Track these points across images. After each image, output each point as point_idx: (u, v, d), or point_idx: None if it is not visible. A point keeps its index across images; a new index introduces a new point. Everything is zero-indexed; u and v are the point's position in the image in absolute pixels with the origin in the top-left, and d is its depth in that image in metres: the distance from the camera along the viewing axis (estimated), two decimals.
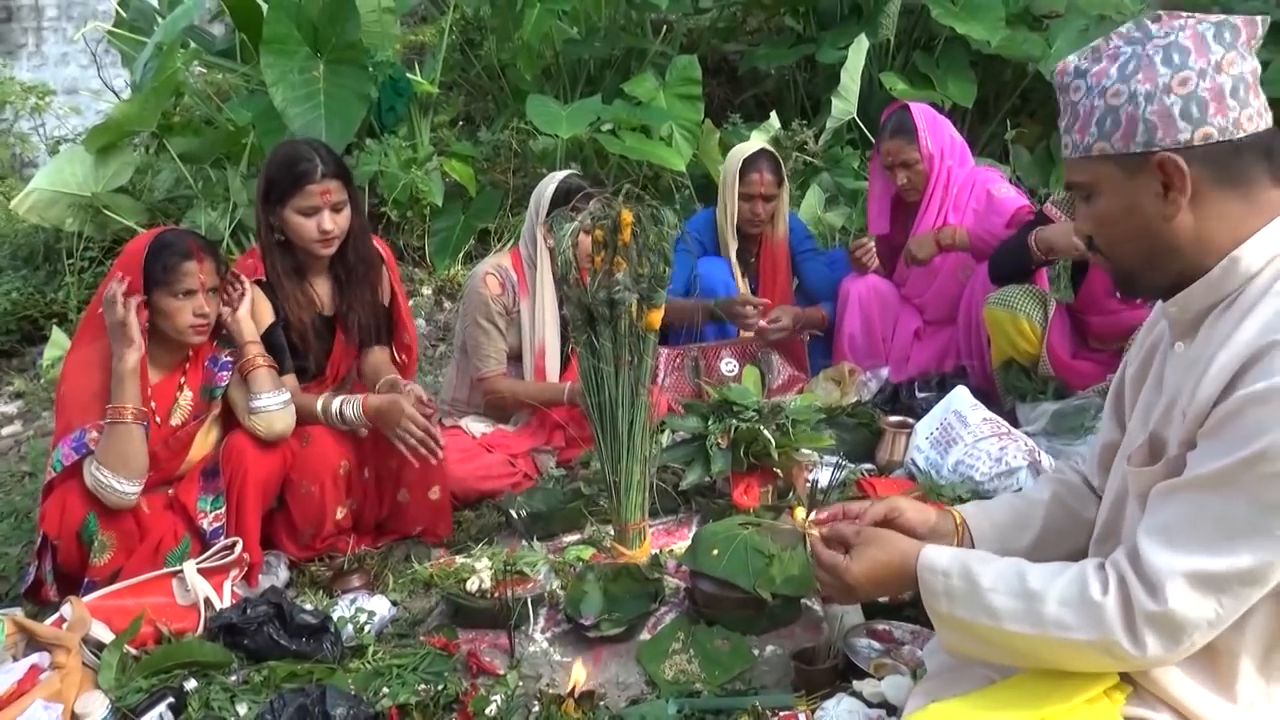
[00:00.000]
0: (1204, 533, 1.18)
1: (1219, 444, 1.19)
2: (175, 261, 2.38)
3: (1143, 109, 1.23)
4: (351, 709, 1.87)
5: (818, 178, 5.15)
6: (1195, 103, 1.22)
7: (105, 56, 6.55)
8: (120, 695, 2.03)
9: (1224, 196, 1.25)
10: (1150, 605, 1.19)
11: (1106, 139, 1.26)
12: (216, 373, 2.55)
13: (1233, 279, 1.25)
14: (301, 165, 2.57)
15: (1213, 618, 1.19)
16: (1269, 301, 1.21)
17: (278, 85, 4.48)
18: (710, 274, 3.55)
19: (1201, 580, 1.18)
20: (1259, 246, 1.24)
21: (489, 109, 5.94)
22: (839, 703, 1.84)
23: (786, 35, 6.09)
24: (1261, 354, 1.17)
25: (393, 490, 2.66)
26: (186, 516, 2.48)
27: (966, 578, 1.33)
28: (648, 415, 2.42)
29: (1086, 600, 1.23)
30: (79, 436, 2.33)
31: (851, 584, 1.47)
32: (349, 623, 2.24)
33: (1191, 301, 1.29)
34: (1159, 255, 1.29)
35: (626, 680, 2.08)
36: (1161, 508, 1.24)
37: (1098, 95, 1.26)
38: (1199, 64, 1.22)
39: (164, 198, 4.98)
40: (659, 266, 2.33)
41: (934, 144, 3.33)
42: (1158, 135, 1.23)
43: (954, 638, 1.37)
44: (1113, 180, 1.28)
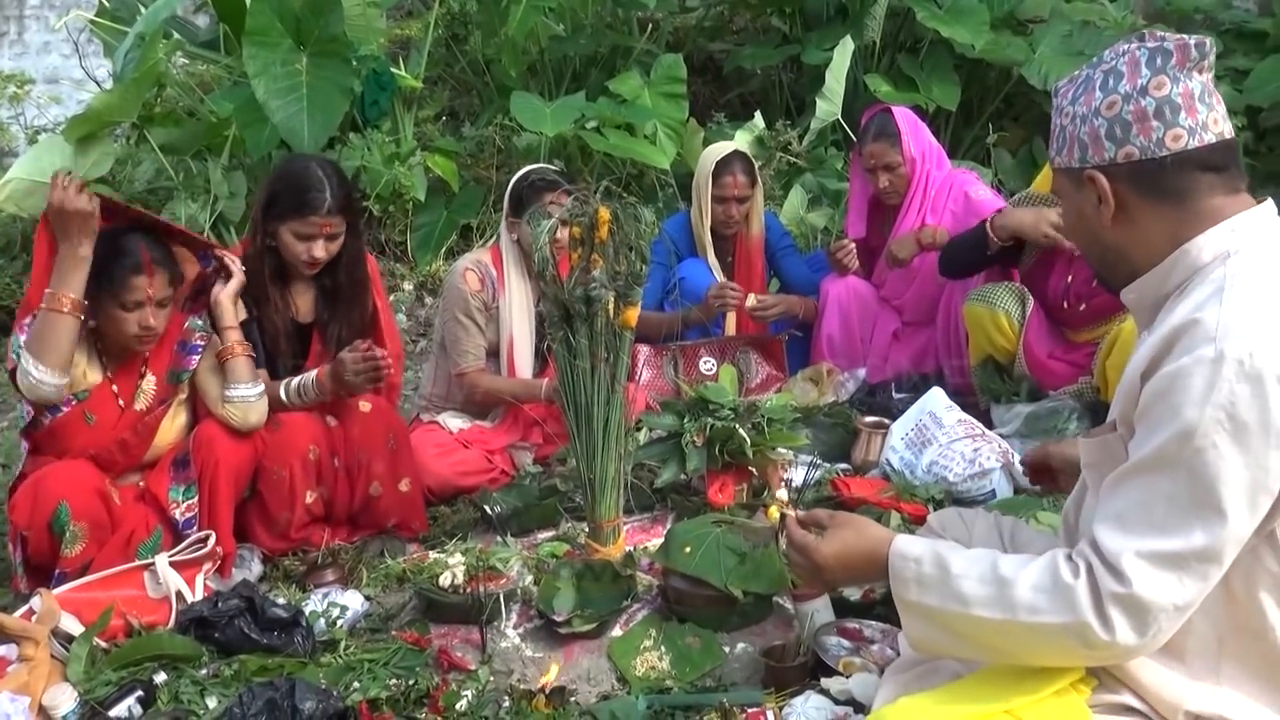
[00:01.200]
0: (1156, 514, 1.22)
1: (1152, 425, 1.24)
2: (124, 274, 2.32)
3: (1079, 129, 1.36)
4: (321, 703, 1.87)
5: (801, 178, 5.16)
6: (1119, 125, 1.32)
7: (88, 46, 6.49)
8: (89, 688, 2.02)
9: (1154, 207, 1.33)
10: (1115, 587, 1.21)
11: (1059, 154, 1.41)
12: (185, 356, 2.52)
13: (1182, 269, 1.32)
14: (310, 194, 2.56)
15: (1178, 599, 1.21)
16: (1204, 287, 1.28)
17: (260, 78, 4.46)
18: (693, 276, 3.55)
19: (1160, 560, 1.21)
20: (1209, 242, 1.31)
21: (473, 104, 5.92)
22: (807, 700, 1.86)
23: (772, 35, 6.10)
24: (1185, 329, 1.23)
25: (365, 482, 2.65)
26: (158, 507, 2.46)
27: (938, 564, 1.35)
28: (624, 413, 2.43)
29: (1059, 584, 1.25)
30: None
31: (820, 563, 1.48)
32: (321, 617, 2.23)
33: (1145, 290, 1.37)
34: (1107, 256, 1.41)
35: (597, 676, 2.09)
36: (1113, 496, 1.28)
37: (1058, 114, 1.41)
38: (1125, 88, 1.32)
39: (144, 189, 4.94)
40: (636, 264, 2.33)
41: (916, 148, 3.35)
42: (1088, 153, 1.35)
43: (920, 628, 1.38)
44: (1067, 191, 1.42)
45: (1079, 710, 1.31)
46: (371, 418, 2.65)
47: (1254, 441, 1.17)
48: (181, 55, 5.62)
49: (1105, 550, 1.23)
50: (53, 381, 2.29)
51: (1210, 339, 1.20)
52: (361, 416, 2.64)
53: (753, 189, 3.55)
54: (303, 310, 2.75)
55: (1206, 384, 1.18)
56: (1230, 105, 5.10)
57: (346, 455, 2.64)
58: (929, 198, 3.38)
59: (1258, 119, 5.34)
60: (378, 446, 2.66)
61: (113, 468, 2.47)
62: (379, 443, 2.66)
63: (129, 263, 2.33)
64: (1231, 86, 5.34)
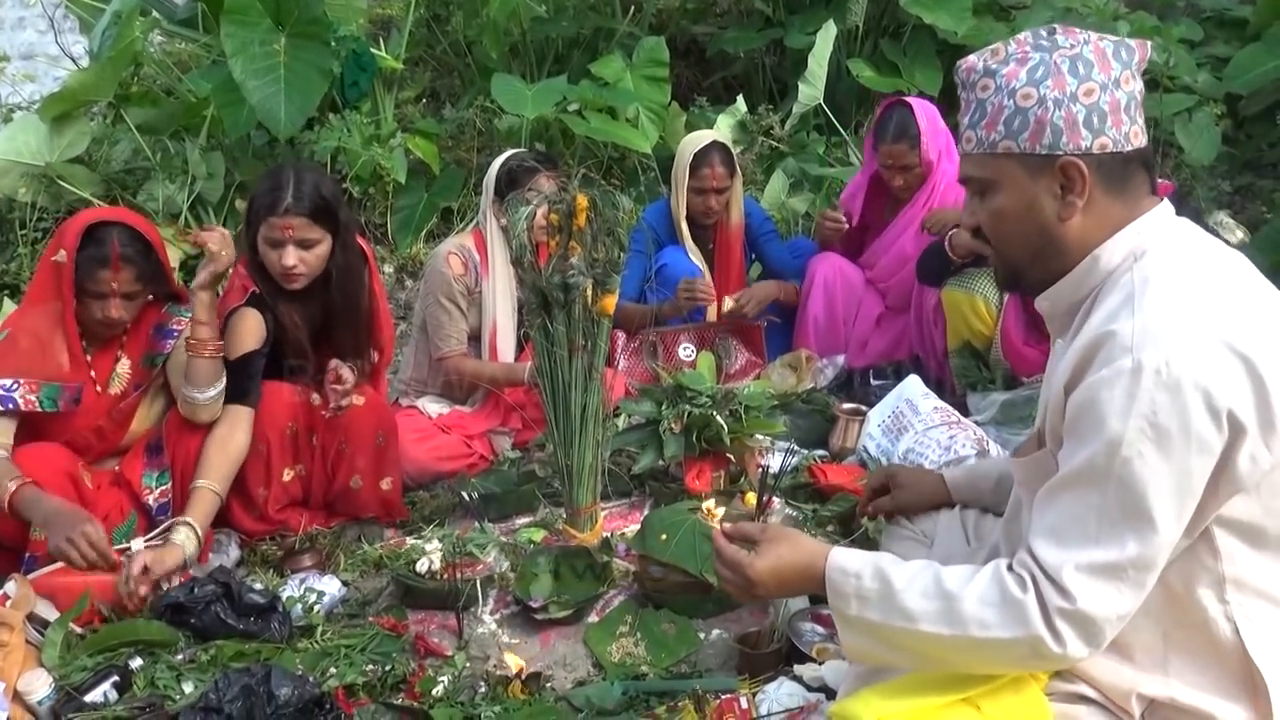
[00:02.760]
0: (1089, 527, 1.23)
1: (1078, 437, 1.25)
2: (91, 266, 2.31)
3: (1052, 113, 1.29)
4: (297, 689, 1.87)
5: (783, 163, 5.15)
6: (1096, 113, 1.29)
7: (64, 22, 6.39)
8: (64, 673, 2.03)
9: (1109, 202, 1.33)
10: (1061, 602, 1.23)
11: (1014, 138, 1.32)
12: (161, 340, 2.51)
13: (1094, 275, 1.33)
14: (274, 193, 2.43)
15: (1120, 609, 1.23)
16: (1115, 294, 1.29)
17: (237, 57, 4.40)
18: (674, 264, 3.55)
19: (1098, 571, 1.22)
20: (1117, 245, 1.32)
21: (454, 86, 5.88)
22: (780, 686, 1.88)
23: (755, 19, 6.07)
24: (1101, 341, 1.24)
25: (346, 474, 2.64)
26: (132, 492, 2.45)
27: (879, 579, 1.33)
28: (602, 400, 2.43)
29: (1009, 598, 1.26)
30: (10, 387, 2.28)
31: (753, 579, 1.44)
32: (298, 602, 2.24)
33: (1060, 297, 1.38)
34: (1046, 252, 1.36)
35: (574, 662, 2.10)
36: (1046, 509, 1.29)
37: (1007, 95, 1.32)
38: (1102, 77, 1.29)
39: (121, 169, 4.88)
40: (614, 251, 2.33)
41: (934, 149, 3.29)
42: (1063, 139, 1.30)
43: (859, 641, 1.37)
44: (1015, 178, 1.34)
45: (1035, 698, 1.34)
46: (363, 412, 2.60)
47: (1177, 448, 1.19)
48: (159, 33, 5.55)
49: (1045, 564, 1.25)
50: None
51: (1127, 349, 1.21)
52: (354, 409, 2.59)
53: (731, 179, 3.53)
54: (304, 324, 2.64)
55: (1127, 395, 1.20)
56: (1210, 92, 5.21)
57: (326, 437, 2.61)
58: (939, 192, 3.36)
59: (1237, 106, 5.36)
60: (364, 441, 2.62)
61: (89, 452, 2.46)
62: (367, 438, 2.63)
63: (97, 254, 2.31)
64: (1212, 74, 5.37)
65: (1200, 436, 1.19)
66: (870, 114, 5.52)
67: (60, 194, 4.63)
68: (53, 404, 2.34)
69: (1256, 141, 5.33)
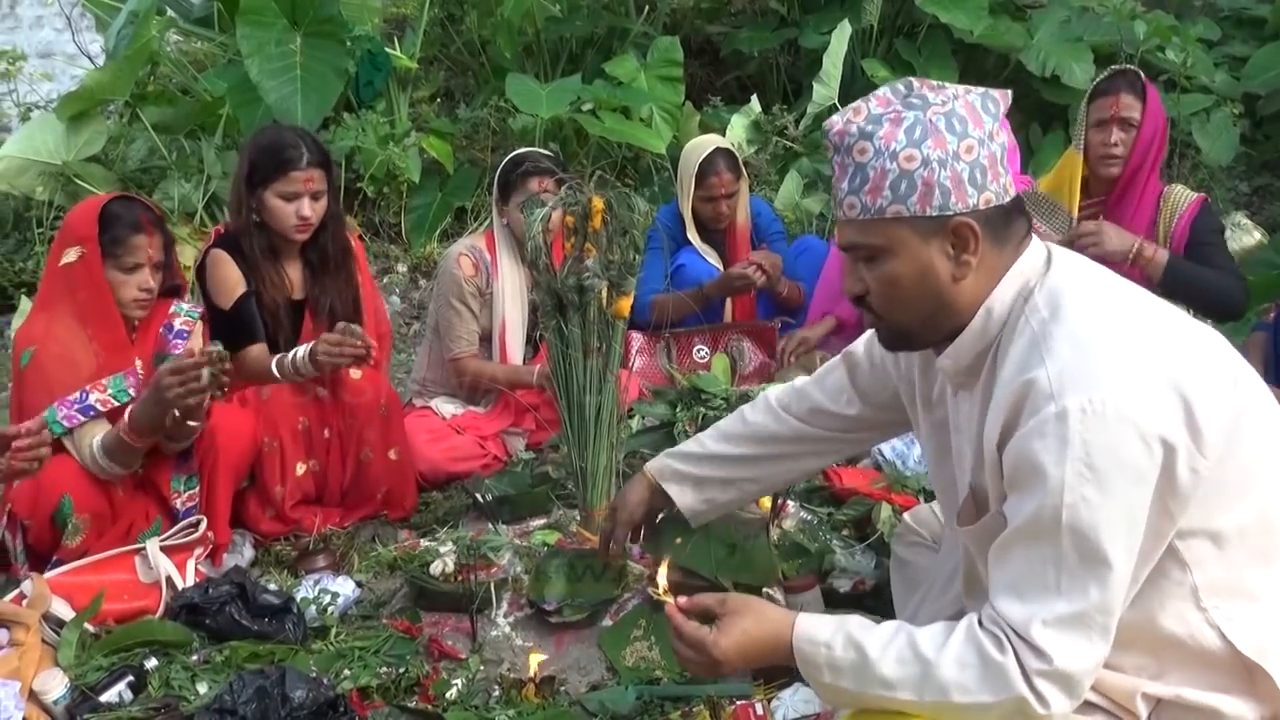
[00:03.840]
0: (1049, 579, 1.23)
1: (1021, 491, 1.25)
2: (124, 234, 2.33)
3: (938, 174, 1.27)
4: (311, 691, 1.87)
5: (797, 163, 5.14)
6: (978, 169, 1.28)
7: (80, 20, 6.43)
8: (80, 673, 2.03)
9: (995, 255, 1.32)
10: (1038, 664, 1.22)
11: (902, 202, 1.29)
12: (171, 340, 2.51)
13: (991, 326, 1.33)
14: (288, 152, 2.58)
15: (1095, 657, 1.24)
16: (1017, 342, 1.29)
17: (254, 57, 4.43)
18: (692, 265, 3.54)
19: (1065, 624, 1.22)
20: (1004, 291, 1.33)
21: (469, 85, 5.89)
22: (795, 692, 1.87)
23: (770, 18, 6.06)
24: (1024, 392, 1.24)
25: (356, 449, 2.68)
26: (159, 497, 2.46)
27: (852, 647, 1.31)
28: (616, 402, 2.43)
29: (988, 661, 1.25)
30: (81, 398, 2.28)
31: (719, 659, 1.38)
32: (312, 604, 2.24)
33: (961, 355, 1.37)
34: (938, 315, 1.35)
35: (587, 665, 2.09)
36: (1002, 567, 1.28)
37: (889, 158, 1.28)
38: (978, 132, 1.28)
39: (137, 168, 4.91)
40: (629, 253, 2.33)
41: None
42: (951, 200, 1.28)
43: (839, 699, 1.38)
44: (907, 243, 1.31)
45: None
46: (362, 384, 2.66)
47: (1117, 484, 1.19)
48: (175, 32, 5.57)
49: (1012, 623, 1.24)
50: (122, 474, 2.34)
51: (1049, 396, 1.21)
52: (352, 383, 2.65)
53: (738, 182, 3.52)
54: (295, 287, 2.76)
55: (1059, 440, 1.19)
56: (1228, 92, 5.17)
57: (338, 422, 2.66)
58: None
59: (1255, 106, 5.33)
60: (369, 413, 2.68)
61: None
62: (371, 409, 2.69)
63: (128, 222, 2.34)
64: (1229, 74, 5.33)
65: (1136, 467, 1.20)
66: None
67: (77, 192, 4.65)
68: (125, 394, 2.34)
69: (1275, 142, 5.30)
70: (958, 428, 1.45)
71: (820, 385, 1.78)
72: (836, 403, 1.74)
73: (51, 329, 2.34)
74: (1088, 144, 3.01)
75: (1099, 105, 2.98)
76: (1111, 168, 2.98)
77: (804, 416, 1.78)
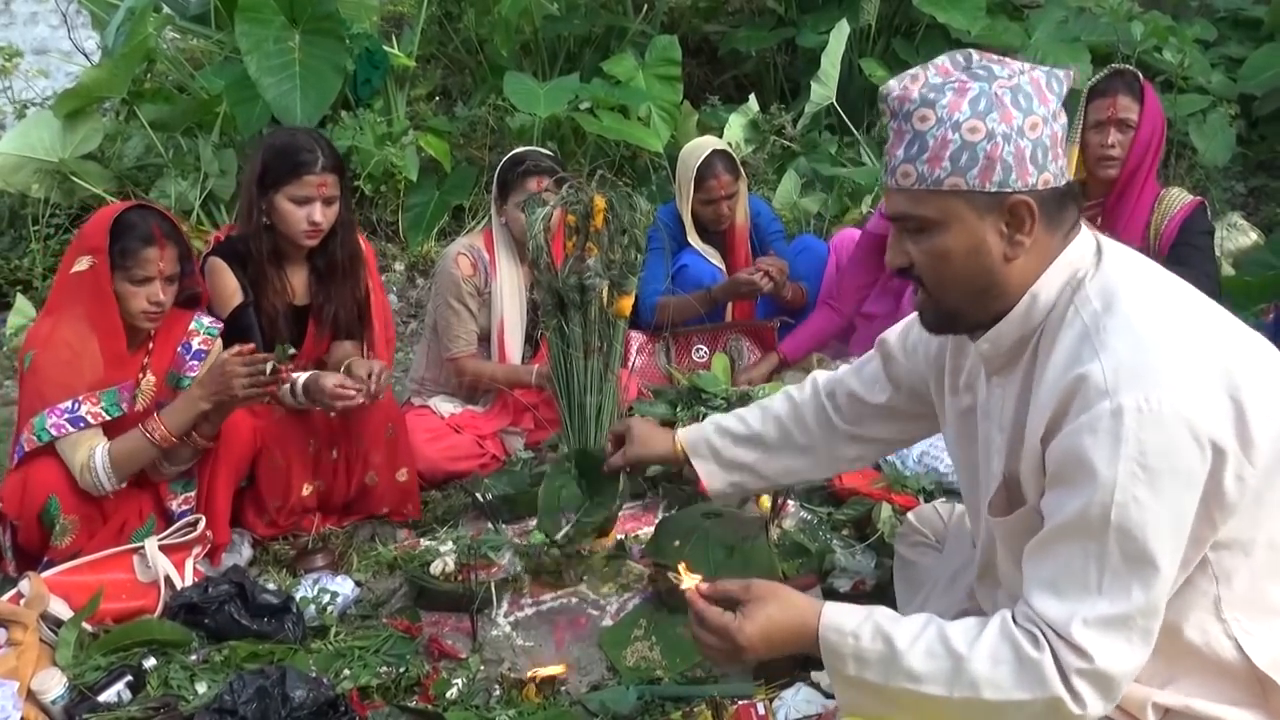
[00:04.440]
0: (1090, 578, 1.20)
1: (1066, 487, 1.22)
2: (136, 247, 2.29)
3: (1002, 149, 1.24)
4: (311, 691, 1.86)
5: (794, 163, 5.14)
6: (1041, 148, 1.25)
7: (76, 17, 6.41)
8: (78, 673, 2.02)
9: (1047, 239, 1.30)
10: (1078, 663, 1.20)
11: (962, 174, 1.25)
12: (187, 360, 2.48)
13: (1035, 313, 1.31)
14: (302, 155, 2.54)
15: (1136, 660, 1.22)
16: (1065, 333, 1.26)
17: (252, 54, 4.42)
18: (695, 265, 3.53)
19: (1108, 625, 1.19)
20: (1052, 279, 1.30)
21: (466, 83, 5.88)
22: (797, 692, 1.86)
23: (768, 17, 6.06)
24: (1075, 388, 1.21)
25: (361, 471, 2.64)
26: (155, 497, 2.45)
27: (880, 639, 1.29)
28: (616, 402, 2.42)
29: (1024, 658, 1.22)
30: (72, 408, 2.26)
31: (744, 645, 1.35)
32: (312, 603, 2.23)
33: (1001, 339, 1.34)
34: (987, 295, 1.32)
35: (588, 665, 2.09)
36: (1040, 564, 1.25)
37: (951, 128, 1.25)
38: (1043, 110, 1.25)
39: (133, 165, 4.89)
40: (630, 252, 2.32)
41: None
42: (1012, 176, 1.25)
43: (857, 700, 1.33)
44: (961, 217, 1.28)
45: None
46: (370, 407, 2.59)
47: (1168, 486, 1.17)
48: (172, 29, 5.55)
49: (1050, 621, 1.21)
50: (112, 490, 2.32)
51: (1104, 393, 1.18)
52: (360, 406, 2.58)
53: (737, 183, 3.52)
54: (298, 293, 2.71)
55: (1112, 438, 1.17)
56: (1224, 93, 5.18)
57: (346, 445, 2.62)
58: None
59: (1251, 107, 5.34)
60: (376, 436, 2.63)
61: None
62: (378, 432, 2.64)
63: (141, 234, 2.30)
64: (1226, 75, 5.34)
65: (1189, 470, 1.18)
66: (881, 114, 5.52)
67: (73, 190, 4.64)
68: (117, 409, 2.32)
69: (1271, 143, 5.31)
70: (987, 414, 1.42)
71: (858, 373, 1.78)
72: (870, 391, 1.74)
73: (55, 335, 2.31)
74: (1085, 145, 3.01)
75: (1096, 106, 2.97)
76: (1109, 169, 2.98)
77: (842, 404, 1.77)
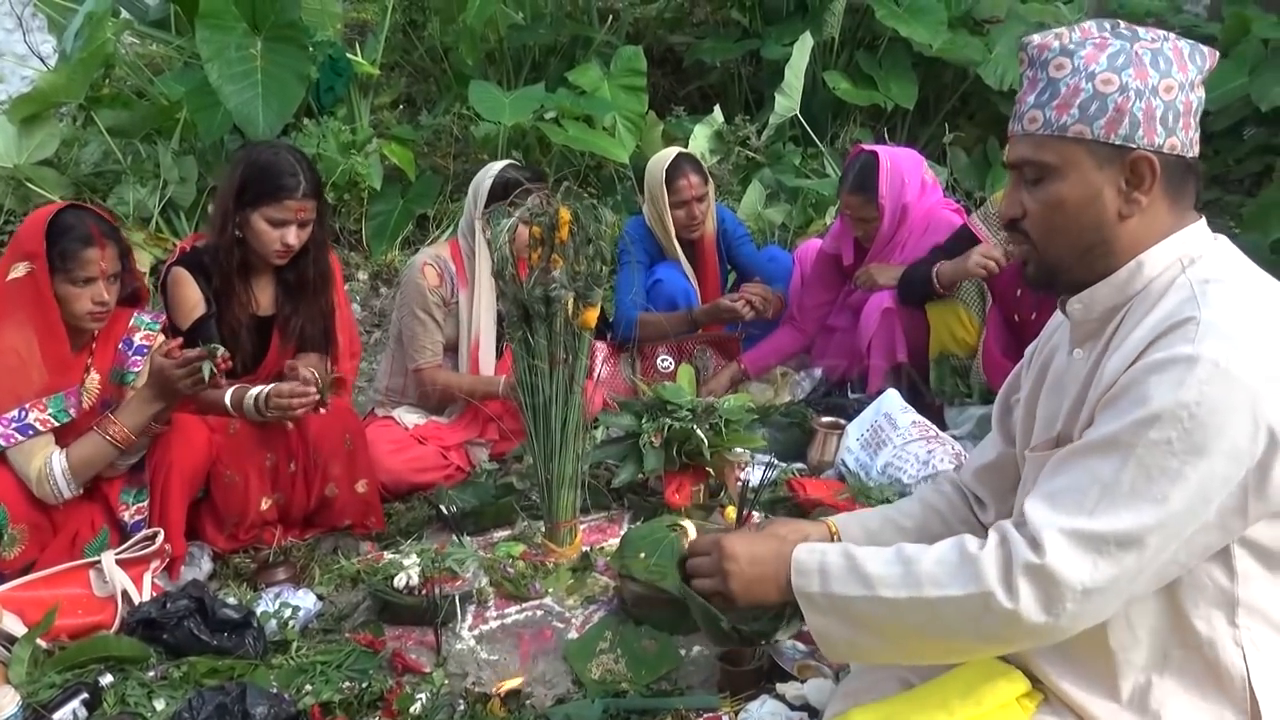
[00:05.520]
0: (1088, 497, 1.20)
1: (1113, 410, 1.21)
2: (76, 248, 2.26)
3: (1133, 102, 1.24)
4: (272, 708, 1.84)
5: (759, 174, 5.17)
6: (1173, 111, 1.25)
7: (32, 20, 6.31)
8: (32, 690, 1.99)
9: (1165, 208, 1.28)
10: (1029, 556, 1.20)
11: (1089, 123, 1.25)
12: (130, 356, 2.46)
13: (1137, 282, 1.29)
14: (285, 179, 2.52)
15: (1087, 581, 1.19)
16: (1170, 295, 1.25)
17: (213, 62, 4.36)
18: (670, 279, 3.54)
19: (1078, 538, 1.19)
20: (1161, 254, 1.28)
21: (431, 92, 5.86)
22: (762, 704, 1.87)
23: (732, 29, 6.10)
24: (1165, 331, 1.20)
25: (320, 483, 2.62)
26: (106, 507, 2.41)
27: (843, 554, 1.35)
28: (582, 413, 2.42)
29: (964, 554, 1.25)
30: (19, 416, 2.23)
31: (727, 552, 1.43)
32: (273, 618, 2.20)
33: (1096, 302, 1.32)
34: (1095, 251, 1.30)
35: (553, 679, 2.08)
36: (1052, 476, 1.26)
37: (1085, 78, 1.25)
38: (1181, 76, 1.25)
39: (91, 172, 4.82)
40: (596, 264, 2.32)
41: (892, 201, 3.21)
42: (1139, 132, 1.24)
43: (824, 622, 1.35)
44: (1082, 166, 1.27)
45: None
46: (329, 419, 2.59)
47: (1208, 445, 1.15)
48: (130, 34, 5.49)
49: (1030, 522, 1.22)
50: (70, 497, 2.31)
51: (1189, 339, 1.17)
52: (318, 417, 2.58)
53: (707, 185, 3.54)
54: (263, 304, 2.69)
55: (1176, 380, 1.16)
56: None
57: (304, 458, 2.60)
58: (906, 240, 3.27)
59: (1205, 121, 5.43)
60: (334, 448, 2.62)
61: None
62: (336, 444, 2.62)
63: (79, 235, 2.27)
64: None
65: (1235, 442, 1.15)
66: (845, 126, 5.57)
67: (28, 196, 4.56)
68: (65, 414, 2.30)
69: (1224, 157, 5.41)
70: (1060, 387, 1.39)
71: (980, 450, 1.68)
72: (985, 455, 1.63)
73: (3, 336, 2.28)
74: None
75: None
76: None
77: (967, 482, 1.65)
